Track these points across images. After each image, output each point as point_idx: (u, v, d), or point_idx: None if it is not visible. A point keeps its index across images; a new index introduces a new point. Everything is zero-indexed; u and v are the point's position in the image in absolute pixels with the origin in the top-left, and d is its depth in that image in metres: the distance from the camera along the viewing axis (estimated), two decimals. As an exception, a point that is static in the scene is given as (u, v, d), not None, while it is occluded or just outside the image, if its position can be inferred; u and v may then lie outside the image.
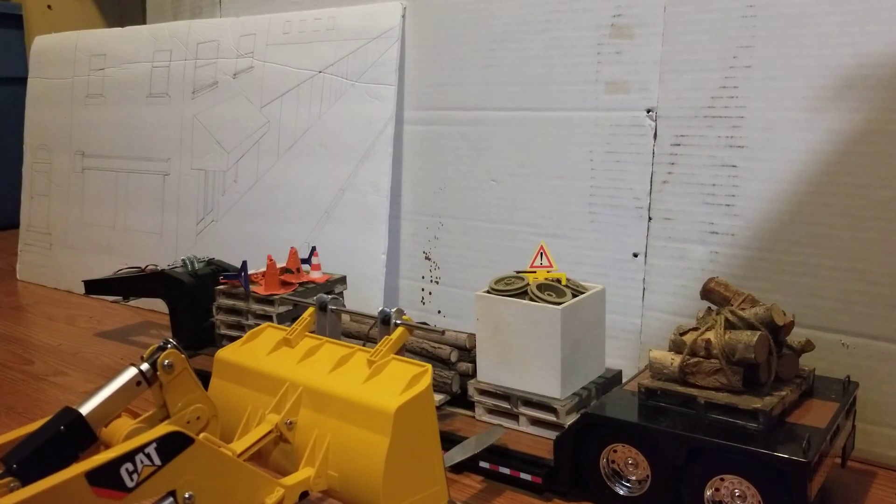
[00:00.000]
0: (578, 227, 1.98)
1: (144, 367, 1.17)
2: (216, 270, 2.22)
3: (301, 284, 2.07)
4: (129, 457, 1.00)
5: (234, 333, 2.10)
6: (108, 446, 1.12)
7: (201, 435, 1.12)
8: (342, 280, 2.16)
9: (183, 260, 2.25)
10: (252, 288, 2.04)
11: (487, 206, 2.15)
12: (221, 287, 2.11)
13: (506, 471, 1.51)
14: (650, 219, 1.86)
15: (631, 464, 1.41)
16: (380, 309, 1.41)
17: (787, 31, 1.64)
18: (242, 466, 1.15)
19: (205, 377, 1.36)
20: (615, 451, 1.42)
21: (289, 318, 2.00)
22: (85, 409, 1.12)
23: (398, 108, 2.28)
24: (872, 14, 1.54)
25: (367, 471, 1.17)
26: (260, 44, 2.56)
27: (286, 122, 2.48)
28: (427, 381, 1.21)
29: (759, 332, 1.37)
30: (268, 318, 2.01)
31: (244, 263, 2.05)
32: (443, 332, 1.46)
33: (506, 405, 1.71)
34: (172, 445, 1.04)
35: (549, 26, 1.98)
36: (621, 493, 1.42)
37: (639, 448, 1.38)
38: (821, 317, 1.64)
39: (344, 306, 1.54)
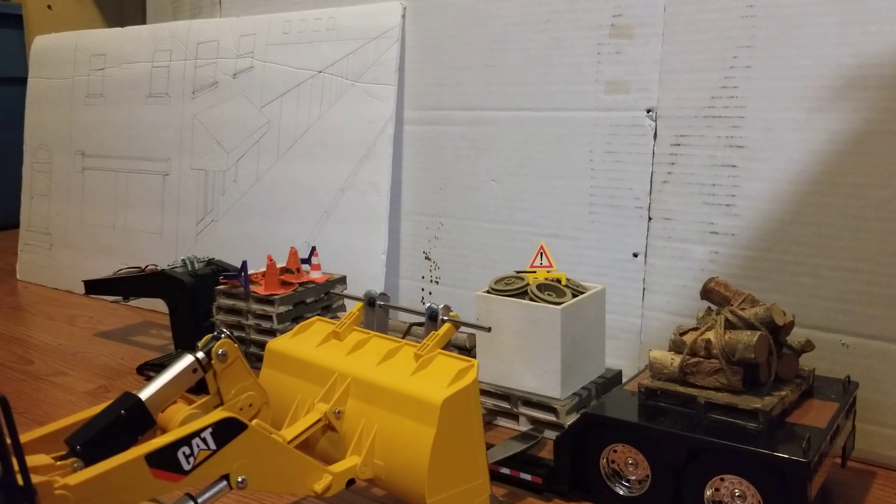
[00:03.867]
0: (578, 227, 1.98)
1: (200, 355, 1.22)
2: (216, 270, 2.22)
3: (301, 284, 2.07)
4: (187, 440, 1.05)
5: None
6: (163, 431, 1.15)
7: (254, 421, 1.16)
8: (342, 280, 2.15)
9: (183, 260, 2.25)
10: (252, 288, 2.04)
11: (487, 206, 2.15)
12: (221, 287, 2.11)
13: (506, 471, 1.51)
14: (650, 219, 1.86)
15: (631, 464, 1.41)
16: (427, 305, 1.44)
17: (787, 31, 1.64)
18: (293, 452, 1.19)
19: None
20: (615, 451, 1.42)
21: (289, 318, 2.01)
22: (144, 395, 1.15)
23: (398, 108, 2.28)
24: (872, 14, 1.54)
25: (413, 460, 1.20)
26: (260, 44, 2.56)
27: (286, 122, 2.48)
28: (473, 375, 1.24)
29: (759, 332, 1.37)
30: (268, 318, 2.01)
31: (244, 263, 2.05)
32: (489, 329, 1.49)
33: (506, 405, 1.71)
34: (227, 431, 1.08)
35: (549, 26, 1.98)
36: (621, 493, 1.42)
37: (639, 448, 1.38)
38: (821, 317, 1.64)
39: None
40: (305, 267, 2.13)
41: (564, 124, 1.98)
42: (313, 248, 2.15)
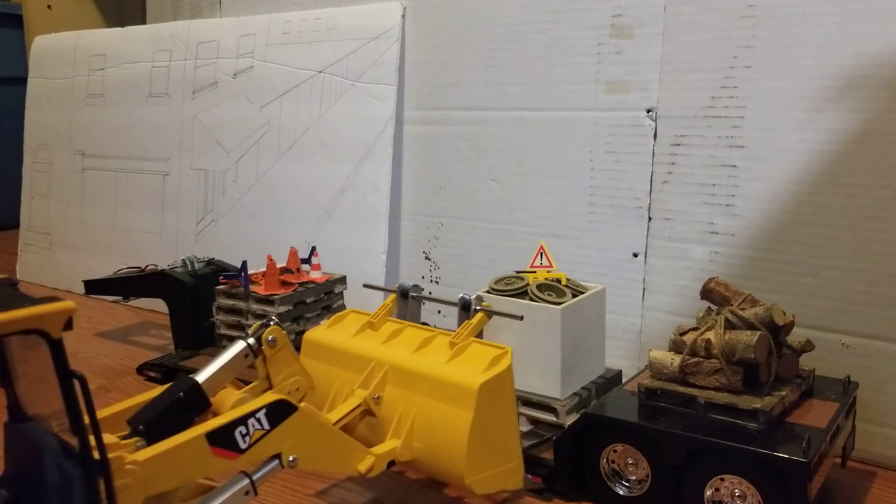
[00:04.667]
0: (578, 227, 1.98)
1: (251, 341, 1.26)
2: (216, 270, 2.22)
3: (301, 284, 2.06)
4: (243, 420, 1.11)
5: (233, 333, 2.10)
6: (215, 414, 1.19)
7: (302, 404, 1.20)
8: (342, 280, 2.15)
9: (183, 260, 2.25)
10: (252, 288, 2.04)
11: (487, 206, 2.15)
12: (221, 287, 2.11)
13: (506, 471, 1.51)
14: (650, 219, 1.86)
15: (631, 464, 1.41)
16: (460, 296, 1.48)
17: (787, 31, 1.64)
18: (339, 434, 1.24)
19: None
20: (615, 451, 1.42)
21: (289, 318, 2.00)
22: (201, 378, 1.19)
23: (398, 108, 2.28)
24: (872, 14, 1.54)
25: (452, 443, 1.24)
26: (260, 44, 2.56)
27: (286, 122, 2.48)
28: (508, 361, 1.29)
29: (759, 332, 1.37)
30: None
31: (244, 263, 2.05)
32: (521, 318, 1.51)
33: (506, 405, 1.71)
34: (279, 412, 1.14)
35: (549, 26, 1.98)
36: (621, 493, 1.42)
37: (639, 448, 1.38)
38: (821, 317, 1.64)
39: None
40: (305, 267, 2.12)
41: (564, 124, 1.98)
42: (313, 248, 2.15)
